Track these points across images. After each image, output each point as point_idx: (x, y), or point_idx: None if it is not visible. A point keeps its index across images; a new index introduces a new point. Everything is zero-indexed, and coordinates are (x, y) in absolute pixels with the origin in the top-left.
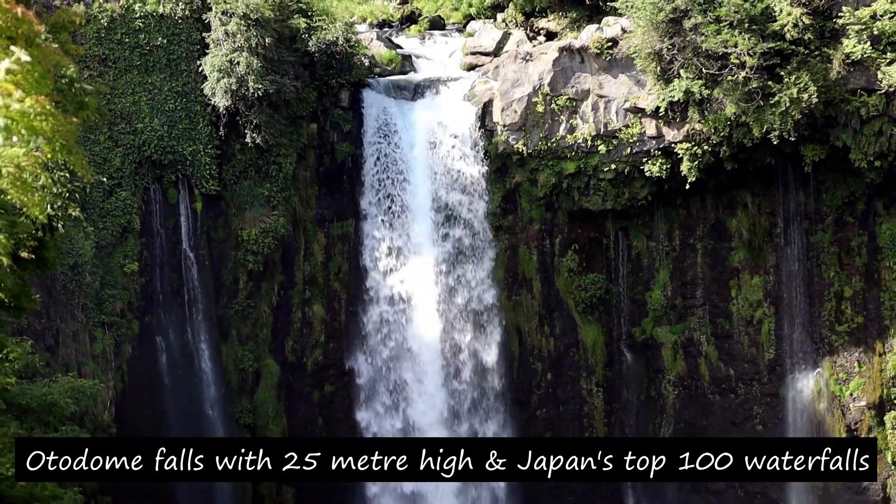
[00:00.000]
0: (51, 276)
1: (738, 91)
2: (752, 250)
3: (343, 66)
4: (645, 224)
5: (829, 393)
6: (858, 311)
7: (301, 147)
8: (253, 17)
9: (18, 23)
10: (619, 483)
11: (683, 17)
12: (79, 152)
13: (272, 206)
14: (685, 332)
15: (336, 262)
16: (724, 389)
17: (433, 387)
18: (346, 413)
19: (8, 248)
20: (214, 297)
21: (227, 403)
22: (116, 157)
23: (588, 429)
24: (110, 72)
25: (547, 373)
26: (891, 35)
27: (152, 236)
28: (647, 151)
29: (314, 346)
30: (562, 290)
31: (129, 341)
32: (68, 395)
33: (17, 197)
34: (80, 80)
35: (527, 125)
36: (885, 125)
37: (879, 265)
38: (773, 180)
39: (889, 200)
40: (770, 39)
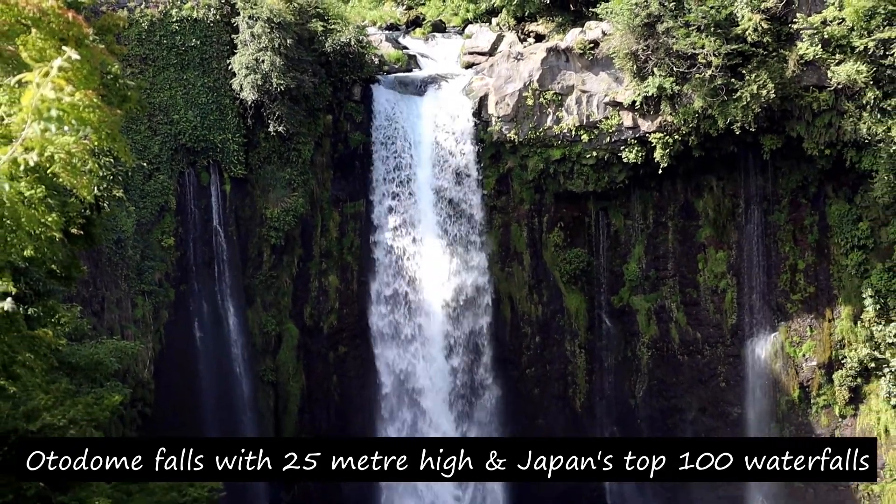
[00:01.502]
0: (97, 249)
1: (705, 87)
2: (717, 228)
3: (355, 64)
4: (622, 204)
5: (784, 354)
6: (810, 282)
7: (318, 136)
8: (276, 20)
9: (69, 26)
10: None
11: (657, 21)
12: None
13: (292, 187)
14: (658, 300)
15: (349, 238)
16: (692, 351)
17: (438, 343)
18: (358, 371)
19: (60, 225)
20: (241, 269)
21: (252, 362)
22: (155, 144)
23: (572, 385)
24: (150, 69)
25: (535, 336)
26: (839, 39)
27: (186, 215)
28: (624, 140)
29: (329, 312)
30: (549, 263)
31: (166, 307)
32: (112, 354)
33: (67, 180)
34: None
35: (518, 117)
36: (833, 118)
37: (829, 241)
38: (736, 166)
39: (837, 185)
40: (733, 42)
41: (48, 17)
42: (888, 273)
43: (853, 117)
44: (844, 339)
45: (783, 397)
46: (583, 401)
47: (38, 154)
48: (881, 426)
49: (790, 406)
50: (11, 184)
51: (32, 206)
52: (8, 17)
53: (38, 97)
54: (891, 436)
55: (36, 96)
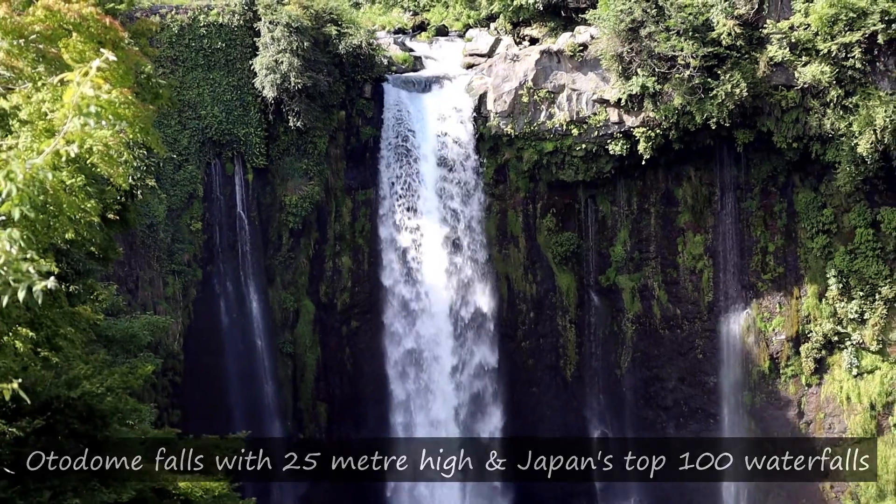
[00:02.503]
0: (132, 233)
1: (684, 86)
2: (695, 214)
3: (366, 64)
4: (609, 192)
5: (756, 329)
6: (780, 263)
7: (332, 129)
8: (294, 25)
9: (107, 30)
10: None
11: (640, 26)
12: (154, 134)
13: (309, 177)
14: (641, 280)
15: (360, 223)
16: (672, 325)
17: (441, 318)
18: (369, 343)
19: (98, 211)
20: (262, 251)
21: (272, 336)
22: (184, 137)
23: (563, 357)
24: (180, 69)
25: (530, 312)
26: (805, 42)
27: (213, 201)
28: (610, 134)
29: (343, 290)
30: (542, 246)
31: (194, 286)
32: (146, 328)
33: (105, 170)
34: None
35: (514, 113)
36: (800, 114)
37: (796, 226)
38: (712, 157)
39: (804, 174)
40: (709, 45)
41: (88, 23)
42: (850, 255)
43: (818, 114)
44: (810, 315)
45: (755, 368)
46: (573, 371)
47: (79, 146)
48: (843, 394)
49: (761, 376)
50: (54, 173)
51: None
52: (51, 23)
53: (79, 94)
54: (852, 402)
55: (76, 94)
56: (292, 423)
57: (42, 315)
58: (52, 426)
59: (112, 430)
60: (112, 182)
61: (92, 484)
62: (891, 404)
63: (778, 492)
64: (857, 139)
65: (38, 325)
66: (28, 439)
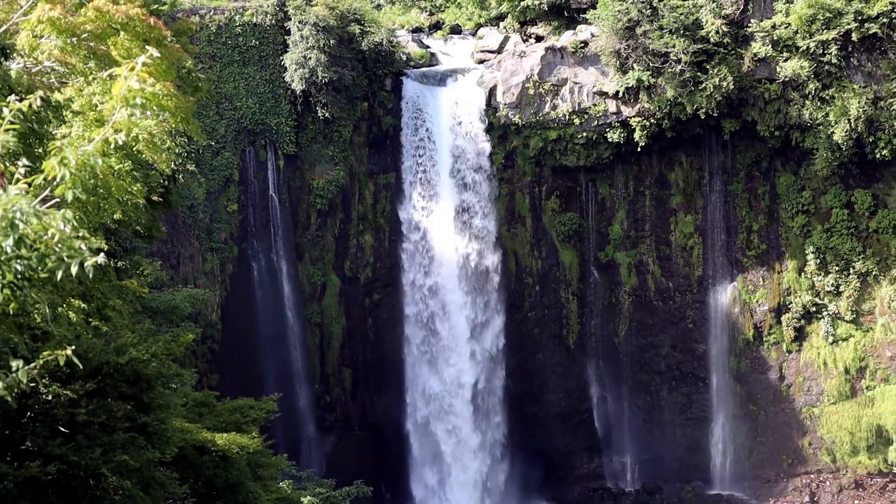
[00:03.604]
0: (174, 213)
1: (676, 80)
2: (686, 196)
3: (387, 60)
4: (608, 176)
5: (741, 300)
6: (763, 241)
7: (356, 119)
8: (321, 25)
9: (151, 29)
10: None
11: (636, 25)
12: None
13: (335, 162)
14: (637, 256)
15: (381, 204)
16: (665, 297)
17: (455, 291)
18: (389, 314)
19: (143, 193)
20: (292, 229)
21: (301, 307)
22: (221, 126)
23: (566, 326)
24: (217, 65)
25: (536, 285)
26: (786, 40)
27: (247, 185)
28: (609, 123)
29: (365, 266)
30: (547, 225)
31: (231, 262)
32: (187, 300)
33: (150, 156)
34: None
35: (521, 104)
36: (781, 105)
37: (778, 207)
38: (701, 144)
39: (785, 160)
40: (699, 42)
41: (134, 22)
42: (826, 233)
43: (798, 105)
44: (790, 288)
45: (740, 336)
46: (574, 339)
47: (126, 135)
48: (820, 360)
49: (746, 343)
50: (104, 159)
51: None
52: (101, 22)
53: (126, 87)
54: (828, 367)
55: (124, 87)
56: (320, 387)
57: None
58: (103, 389)
59: (156, 393)
60: (156, 167)
61: (138, 441)
62: (863, 369)
63: (760, 449)
64: (833, 128)
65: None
66: (80, 401)
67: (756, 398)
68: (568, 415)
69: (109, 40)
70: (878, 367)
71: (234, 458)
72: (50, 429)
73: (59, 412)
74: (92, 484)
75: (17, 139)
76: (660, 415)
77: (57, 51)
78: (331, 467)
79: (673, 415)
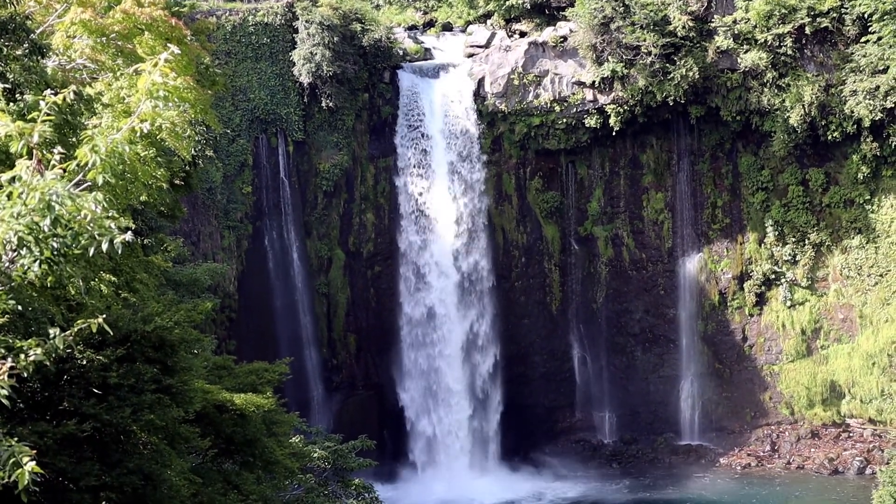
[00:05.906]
0: (194, 195)
1: (647, 70)
2: (657, 175)
3: (385, 55)
4: (586, 158)
5: (707, 269)
6: (727, 215)
7: (358, 109)
8: (326, 23)
9: (173, 29)
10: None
11: (610, 21)
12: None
13: (339, 148)
14: (613, 230)
15: (381, 185)
16: (639, 267)
17: (448, 264)
18: (389, 284)
19: (167, 177)
20: (301, 209)
21: (310, 279)
22: (237, 116)
23: (549, 294)
24: (232, 61)
25: (521, 257)
26: (746, 33)
27: (260, 169)
28: (587, 110)
29: (367, 241)
30: (531, 202)
31: (246, 238)
32: (206, 274)
33: (172, 143)
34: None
35: (507, 93)
36: (742, 93)
37: (740, 185)
38: (670, 128)
39: (746, 142)
40: (667, 36)
41: (157, 23)
42: (784, 208)
43: (757, 92)
44: (752, 258)
45: (707, 301)
46: (557, 305)
47: (150, 124)
48: (779, 322)
49: (712, 308)
50: (130, 146)
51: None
52: (128, 23)
53: (150, 82)
54: (786, 329)
55: (148, 81)
56: (327, 351)
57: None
58: (131, 354)
59: (180, 357)
60: (178, 153)
61: (164, 401)
62: (818, 330)
63: (726, 403)
64: (789, 112)
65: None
66: (112, 365)
67: (721, 357)
68: (552, 374)
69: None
70: (832, 329)
71: (250, 415)
72: (84, 390)
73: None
74: (123, 440)
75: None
76: (634, 373)
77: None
78: (338, 423)
79: (646, 373)
